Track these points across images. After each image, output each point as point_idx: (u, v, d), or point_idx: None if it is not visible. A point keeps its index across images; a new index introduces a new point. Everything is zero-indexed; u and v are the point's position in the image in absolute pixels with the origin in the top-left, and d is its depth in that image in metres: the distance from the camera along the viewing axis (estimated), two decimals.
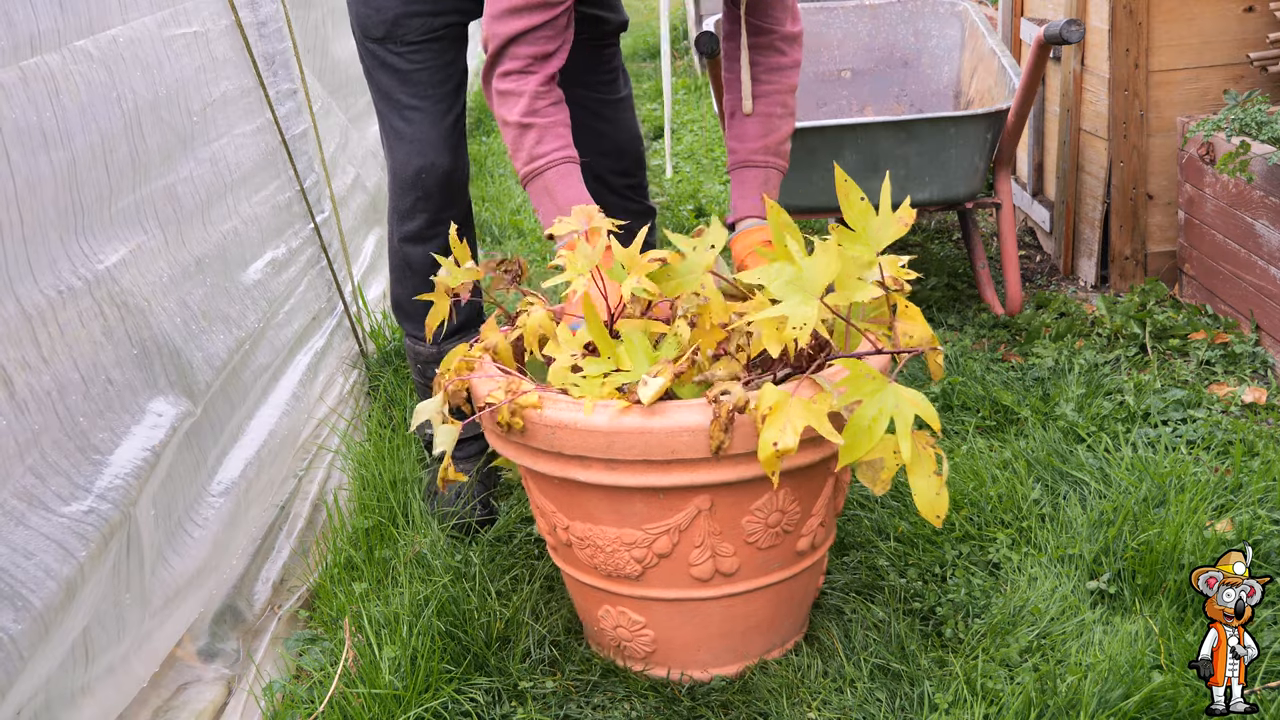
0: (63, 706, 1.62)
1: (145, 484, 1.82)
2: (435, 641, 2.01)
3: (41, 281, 1.70)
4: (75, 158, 1.81)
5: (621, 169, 2.57)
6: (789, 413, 1.68)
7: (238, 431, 2.32)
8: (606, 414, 1.79)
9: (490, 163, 5.86)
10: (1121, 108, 3.43)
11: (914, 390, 1.68)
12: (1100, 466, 2.48)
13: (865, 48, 3.98)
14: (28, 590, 1.49)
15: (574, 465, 1.85)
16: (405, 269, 2.54)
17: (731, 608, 1.97)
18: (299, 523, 2.50)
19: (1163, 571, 2.11)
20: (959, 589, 2.17)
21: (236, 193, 2.52)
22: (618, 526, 1.89)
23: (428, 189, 2.44)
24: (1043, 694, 1.83)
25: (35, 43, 1.75)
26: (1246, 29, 3.39)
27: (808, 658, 2.04)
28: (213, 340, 2.19)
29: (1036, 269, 3.94)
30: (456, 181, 2.46)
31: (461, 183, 2.49)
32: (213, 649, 2.09)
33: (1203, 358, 3.05)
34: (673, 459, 1.78)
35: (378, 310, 3.38)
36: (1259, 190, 2.96)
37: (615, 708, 1.98)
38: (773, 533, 1.90)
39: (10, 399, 1.58)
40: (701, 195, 5.12)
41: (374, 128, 4.37)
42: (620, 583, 1.96)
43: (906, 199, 1.82)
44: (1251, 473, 2.39)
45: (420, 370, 2.63)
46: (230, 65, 2.60)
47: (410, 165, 2.43)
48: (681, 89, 7.43)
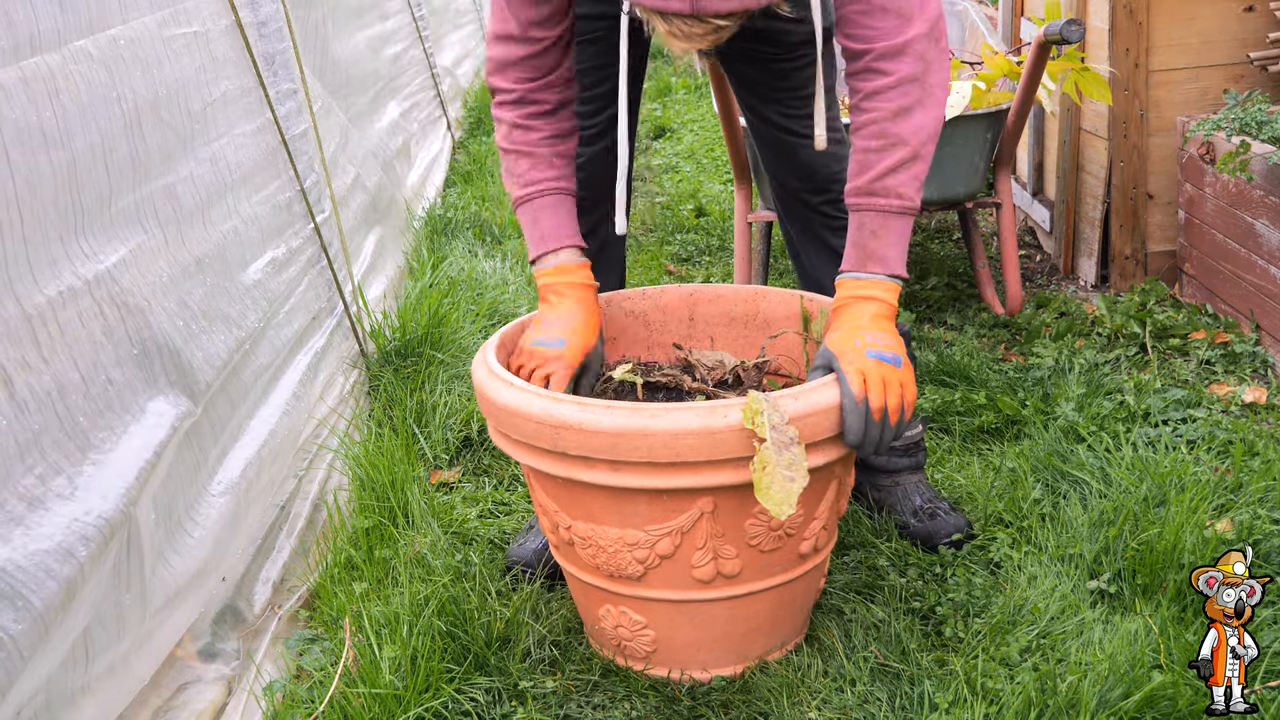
0: (63, 706, 1.62)
1: (145, 484, 1.82)
2: (435, 641, 2.01)
3: (41, 281, 1.70)
4: (75, 158, 1.81)
5: (813, 187, 2.38)
6: None
7: (238, 431, 2.32)
8: (611, 416, 1.79)
9: (490, 162, 5.86)
10: (1121, 107, 3.43)
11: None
12: (1100, 466, 2.48)
13: None
14: (28, 590, 1.49)
15: (578, 465, 1.85)
16: None
17: (733, 609, 1.97)
18: (299, 522, 2.50)
19: (1163, 571, 2.11)
20: (959, 588, 2.17)
21: (236, 193, 2.52)
22: (620, 527, 1.89)
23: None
24: (1043, 693, 1.83)
25: (35, 43, 1.75)
26: (1246, 29, 3.39)
27: (808, 657, 2.04)
28: (213, 340, 2.19)
29: (1036, 269, 3.94)
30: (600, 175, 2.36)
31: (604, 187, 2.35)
32: (213, 649, 2.09)
33: (1203, 357, 3.05)
34: (676, 461, 1.78)
35: (378, 310, 3.38)
36: (1259, 190, 2.96)
37: (615, 707, 1.98)
38: (775, 535, 1.90)
39: (10, 399, 1.58)
40: (702, 195, 5.12)
41: (374, 127, 4.38)
42: (622, 583, 1.96)
43: None
44: (1251, 472, 2.39)
45: None
46: (230, 65, 2.60)
47: None
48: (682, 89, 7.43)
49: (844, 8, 1.92)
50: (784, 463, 1.72)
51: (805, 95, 2.31)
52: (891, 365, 1.85)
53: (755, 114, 2.40)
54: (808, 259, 2.46)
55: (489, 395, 1.94)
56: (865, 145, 1.91)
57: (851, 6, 1.91)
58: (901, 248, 1.94)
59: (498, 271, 4.04)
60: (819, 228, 2.41)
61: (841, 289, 1.96)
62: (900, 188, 1.91)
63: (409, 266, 4.05)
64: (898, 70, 1.88)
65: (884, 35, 1.88)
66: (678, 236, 4.61)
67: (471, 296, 3.67)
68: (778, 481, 1.71)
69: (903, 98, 1.89)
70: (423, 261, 4.04)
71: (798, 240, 2.47)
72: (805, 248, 2.46)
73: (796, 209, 2.42)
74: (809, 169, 2.35)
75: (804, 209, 2.41)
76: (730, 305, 2.35)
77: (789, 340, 2.28)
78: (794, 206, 2.42)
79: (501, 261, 4.19)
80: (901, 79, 1.88)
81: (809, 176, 2.35)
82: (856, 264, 1.95)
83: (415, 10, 5.84)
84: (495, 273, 4.01)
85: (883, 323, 1.90)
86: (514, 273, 4.07)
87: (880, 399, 1.82)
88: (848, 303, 1.94)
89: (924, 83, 1.89)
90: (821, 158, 2.34)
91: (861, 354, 1.85)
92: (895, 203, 1.91)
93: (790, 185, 2.42)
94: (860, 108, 1.92)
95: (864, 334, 1.88)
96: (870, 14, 1.89)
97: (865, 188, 1.92)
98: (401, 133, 4.92)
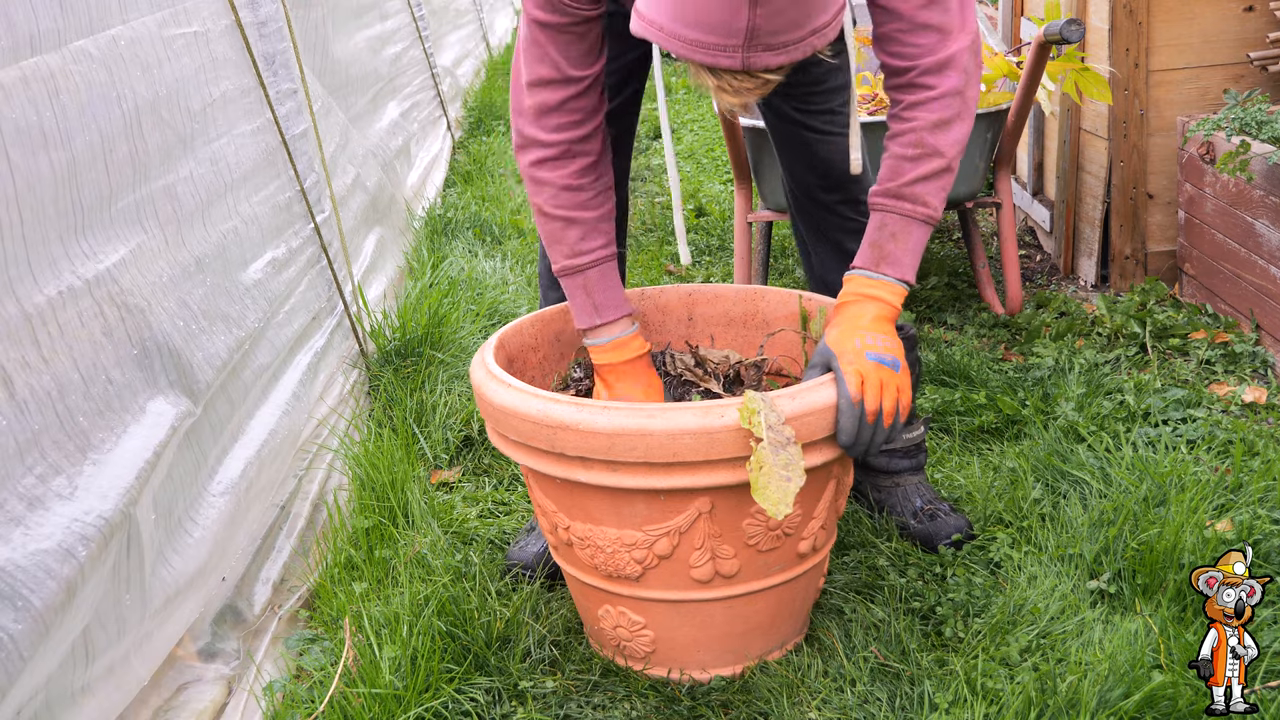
0: (63, 706, 1.62)
1: (145, 484, 1.82)
2: (435, 641, 2.01)
3: (41, 281, 1.70)
4: (75, 158, 1.81)
5: (828, 184, 2.36)
6: None
7: (238, 431, 2.32)
8: (608, 416, 1.79)
9: (490, 162, 5.86)
10: (1121, 107, 3.43)
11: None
12: (1100, 466, 2.48)
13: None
14: (28, 590, 1.49)
15: (576, 466, 1.85)
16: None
17: (732, 609, 1.97)
18: (299, 522, 2.50)
19: (1163, 571, 2.11)
20: (959, 588, 2.17)
21: (236, 192, 2.52)
22: (618, 527, 1.89)
23: None
24: (1043, 693, 1.83)
25: (35, 43, 1.75)
26: (1246, 28, 3.39)
27: (808, 657, 2.04)
28: (213, 340, 2.19)
29: (1036, 268, 3.94)
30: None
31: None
32: (213, 649, 2.09)
33: (1203, 357, 3.05)
34: (673, 461, 1.78)
35: (378, 310, 3.38)
36: (1259, 190, 2.96)
37: (615, 707, 1.98)
38: (773, 535, 1.90)
39: (10, 399, 1.58)
40: (702, 195, 5.12)
41: (374, 127, 4.38)
42: (620, 583, 1.96)
43: None
44: (1251, 472, 2.39)
45: None
46: (230, 65, 2.60)
47: None
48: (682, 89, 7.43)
49: (884, 26, 1.91)
50: (780, 463, 1.73)
51: (823, 90, 2.28)
52: (890, 369, 1.85)
53: (771, 109, 2.37)
54: (818, 258, 2.45)
55: (487, 396, 1.94)
56: (901, 152, 1.93)
57: (893, 25, 1.90)
58: (916, 255, 1.95)
59: (498, 271, 4.04)
60: (831, 228, 2.39)
61: (849, 284, 1.96)
62: (928, 196, 1.93)
63: (409, 266, 4.05)
64: (941, 84, 1.90)
65: (928, 51, 1.89)
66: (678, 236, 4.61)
67: (471, 296, 3.68)
68: (774, 481, 1.72)
69: (944, 110, 1.90)
70: (423, 261, 4.04)
71: (808, 238, 2.46)
72: (816, 246, 2.44)
73: (808, 206, 2.41)
74: (826, 165, 2.33)
75: (816, 207, 2.39)
76: (729, 305, 2.35)
77: (789, 340, 2.28)
78: (806, 204, 2.41)
79: (501, 261, 4.19)
80: (944, 92, 1.90)
81: (825, 174, 2.34)
82: (870, 262, 1.95)
83: (415, 10, 5.84)
84: (495, 273, 4.01)
85: (884, 324, 1.91)
86: (514, 273, 4.07)
87: (876, 402, 1.82)
88: (852, 300, 1.94)
89: (964, 95, 1.91)
90: (838, 155, 2.32)
91: (861, 355, 1.85)
92: (921, 210, 1.93)
93: (805, 182, 2.40)
94: (900, 116, 1.93)
95: (864, 335, 1.88)
96: (914, 31, 1.89)
97: (894, 191, 1.94)
98: (401, 133, 4.92)
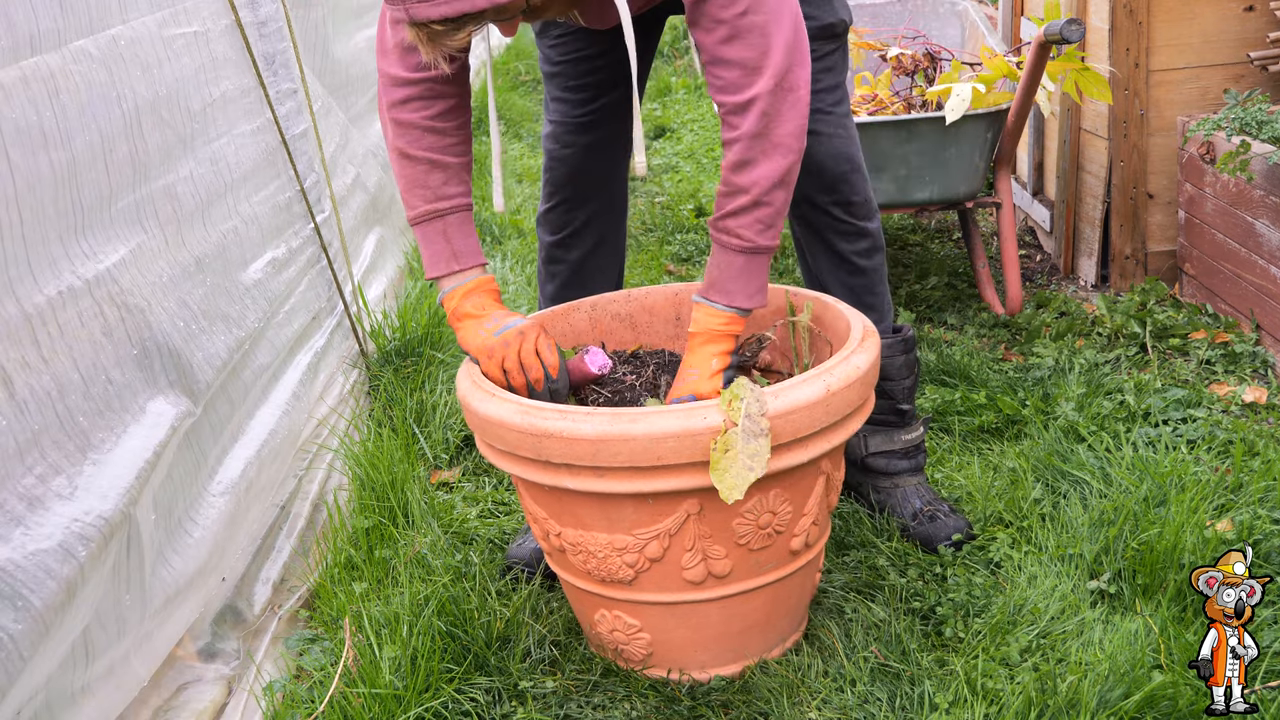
0: (63, 706, 1.62)
1: (145, 484, 1.82)
2: (435, 641, 2.01)
3: (41, 281, 1.70)
4: (75, 158, 1.81)
5: (822, 185, 2.37)
6: None
7: (238, 431, 2.32)
8: (592, 423, 1.79)
9: (490, 162, 5.86)
10: (1121, 107, 3.43)
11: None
12: (1101, 466, 2.48)
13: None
14: (28, 590, 1.49)
15: (563, 473, 1.85)
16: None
17: (726, 609, 1.97)
18: (299, 522, 2.50)
19: (1163, 571, 2.11)
20: (959, 588, 2.17)
21: (236, 192, 2.52)
22: (608, 532, 1.90)
23: (556, 179, 2.48)
24: (1043, 693, 1.83)
25: (35, 43, 1.75)
26: (1247, 28, 3.39)
27: (808, 657, 2.04)
28: (213, 340, 2.19)
29: (1036, 268, 3.94)
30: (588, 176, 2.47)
31: (597, 178, 2.47)
32: (213, 649, 2.09)
33: (1203, 357, 3.05)
34: (659, 465, 1.79)
35: (378, 310, 3.38)
36: (1259, 189, 2.96)
37: (615, 707, 1.98)
38: (764, 534, 1.90)
39: (10, 399, 1.58)
40: (701, 195, 5.12)
41: (374, 127, 4.38)
42: (614, 587, 1.96)
43: None
44: (1252, 472, 2.39)
45: None
46: (230, 65, 2.60)
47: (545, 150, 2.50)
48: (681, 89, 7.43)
49: (703, 52, 1.95)
50: (749, 451, 1.74)
51: (818, 90, 2.30)
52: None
53: None
54: (814, 260, 2.46)
55: (472, 407, 1.94)
56: (719, 186, 2.01)
57: (703, 56, 1.95)
58: (746, 282, 2.00)
59: (498, 271, 4.04)
60: (824, 230, 2.40)
61: (695, 312, 2.05)
62: (741, 230, 1.98)
63: (409, 266, 4.05)
64: (741, 126, 1.93)
65: (732, 88, 1.92)
66: (678, 236, 4.61)
67: None
68: (736, 467, 1.73)
69: (744, 152, 1.94)
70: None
71: (804, 241, 2.47)
72: (810, 247, 2.45)
73: (803, 209, 2.42)
74: (819, 167, 2.34)
75: (811, 209, 2.40)
76: None
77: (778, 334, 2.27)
78: (800, 206, 2.42)
79: (501, 261, 4.19)
80: (743, 134, 1.93)
81: (819, 174, 2.35)
82: (704, 290, 2.04)
83: None
84: (495, 273, 4.02)
85: (724, 361, 2.01)
86: (514, 273, 4.07)
87: None
88: (697, 336, 2.03)
89: (768, 137, 1.93)
90: (833, 157, 2.34)
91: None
92: (735, 242, 1.99)
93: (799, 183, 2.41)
94: (724, 146, 1.99)
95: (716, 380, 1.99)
96: (718, 65, 1.93)
97: (714, 223, 2.01)
98: None
